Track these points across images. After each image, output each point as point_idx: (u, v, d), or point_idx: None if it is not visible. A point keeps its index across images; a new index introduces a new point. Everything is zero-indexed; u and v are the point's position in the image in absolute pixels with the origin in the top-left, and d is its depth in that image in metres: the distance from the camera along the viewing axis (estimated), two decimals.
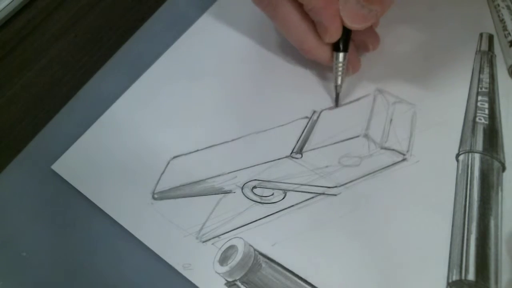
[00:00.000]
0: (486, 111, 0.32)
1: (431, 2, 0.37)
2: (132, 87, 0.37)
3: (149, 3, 0.42)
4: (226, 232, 0.31)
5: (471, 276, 0.27)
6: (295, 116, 0.34)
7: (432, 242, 0.29)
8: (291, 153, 0.33)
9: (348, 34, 0.31)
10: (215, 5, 0.40)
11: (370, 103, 0.34)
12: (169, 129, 0.35)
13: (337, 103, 0.34)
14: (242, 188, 0.32)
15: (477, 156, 0.31)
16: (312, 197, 0.31)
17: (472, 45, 0.35)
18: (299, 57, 0.36)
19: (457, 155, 0.31)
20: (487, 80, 0.34)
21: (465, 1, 0.37)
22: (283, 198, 0.31)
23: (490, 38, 0.35)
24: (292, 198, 0.31)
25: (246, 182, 0.32)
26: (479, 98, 0.33)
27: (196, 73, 0.37)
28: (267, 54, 0.37)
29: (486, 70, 0.34)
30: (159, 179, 0.33)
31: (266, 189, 0.32)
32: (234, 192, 0.32)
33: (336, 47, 0.32)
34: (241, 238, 0.30)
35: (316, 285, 0.28)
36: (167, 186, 0.33)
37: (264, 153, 0.33)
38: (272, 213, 0.31)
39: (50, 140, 0.36)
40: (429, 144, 0.32)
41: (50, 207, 0.33)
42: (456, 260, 0.28)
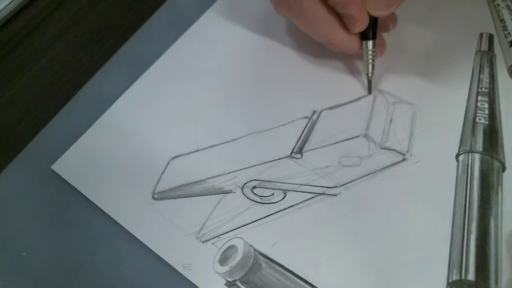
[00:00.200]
0: (486, 111, 0.32)
1: (431, 2, 0.37)
2: (132, 87, 0.37)
3: (149, 3, 0.42)
4: (226, 232, 0.31)
5: (471, 276, 0.27)
6: (295, 116, 0.34)
7: (432, 242, 0.29)
8: (291, 153, 0.33)
9: (376, 22, 0.32)
10: (215, 5, 0.40)
11: (370, 103, 0.34)
12: (169, 129, 0.35)
13: (370, 90, 0.34)
14: (242, 188, 0.32)
15: (477, 156, 0.31)
16: (312, 197, 0.31)
17: (472, 45, 0.35)
18: (299, 57, 0.36)
19: (457, 155, 0.31)
20: (487, 80, 0.34)
21: (465, 1, 0.37)
22: (283, 198, 0.31)
23: (490, 38, 0.35)
24: (292, 198, 0.31)
25: (246, 182, 0.32)
26: (479, 98, 0.33)
27: (196, 73, 0.37)
28: (267, 54, 0.37)
29: (486, 70, 0.34)
30: (159, 179, 0.33)
31: (266, 189, 0.32)
32: (234, 192, 0.32)
33: (364, 36, 0.32)
34: (241, 238, 0.30)
35: (316, 285, 0.28)
36: (167, 186, 0.33)
37: (264, 153, 0.33)
38: (272, 213, 0.31)
39: (50, 140, 0.36)
40: (429, 144, 0.32)
41: (50, 207, 0.33)
42: (456, 260, 0.28)
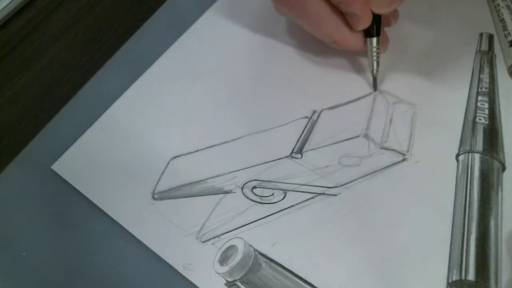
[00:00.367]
0: (486, 111, 0.32)
1: (431, 2, 0.37)
2: (132, 87, 0.37)
3: (149, 3, 0.42)
4: (226, 232, 0.31)
5: (471, 276, 0.27)
6: (295, 116, 0.34)
7: (432, 242, 0.29)
8: (291, 153, 0.33)
9: (379, 19, 0.32)
10: (215, 5, 0.40)
11: (370, 103, 0.34)
12: (169, 129, 0.35)
13: (376, 87, 0.34)
14: (242, 188, 0.32)
15: (477, 156, 0.31)
16: (312, 197, 0.31)
17: (472, 45, 0.35)
18: (299, 57, 0.36)
19: (457, 155, 0.31)
20: (487, 80, 0.34)
21: (465, 1, 0.37)
22: (283, 198, 0.31)
23: (490, 38, 0.35)
24: (292, 198, 0.31)
25: (246, 182, 0.32)
26: (479, 98, 0.33)
27: (196, 73, 0.37)
28: (267, 54, 0.37)
29: (486, 70, 0.34)
30: (159, 179, 0.33)
31: (266, 189, 0.32)
32: (234, 192, 0.32)
33: (368, 33, 0.33)
34: (241, 238, 0.30)
35: (316, 285, 0.28)
36: (167, 186, 0.33)
37: (264, 153, 0.33)
38: (272, 213, 0.31)
39: (50, 140, 0.36)
40: (429, 144, 0.32)
41: (50, 207, 0.33)
42: (456, 260, 0.28)
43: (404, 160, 0.31)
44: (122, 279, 0.30)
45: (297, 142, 0.33)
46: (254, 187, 0.32)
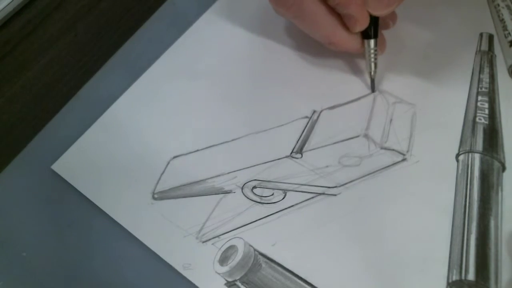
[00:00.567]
0: (486, 111, 0.32)
1: (431, 2, 0.37)
2: (132, 87, 0.37)
3: (149, 3, 0.42)
4: (226, 232, 0.31)
5: (471, 276, 0.27)
6: (295, 116, 0.34)
7: (432, 242, 0.29)
8: (291, 153, 0.33)
9: (377, 21, 0.32)
10: (215, 5, 0.40)
11: (370, 103, 0.34)
12: (169, 129, 0.35)
13: (374, 89, 0.34)
14: (242, 188, 0.32)
15: (477, 156, 0.31)
16: (312, 197, 0.31)
17: (472, 45, 0.35)
18: (299, 57, 0.36)
19: (457, 155, 0.31)
20: (487, 80, 0.34)
21: (465, 1, 0.37)
22: (283, 198, 0.31)
23: (490, 38, 0.35)
24: (292, 198, 0.31)
25: (246, 182, 0.32)
26: (479, 98, 0.33)
27: (196, 73, 0.37)
28: (267, 54, 0.37)
29: (486, 70, 0.34)
30: (159, 179, 0.33)
31: (266, 189, 0.32)
32: (234, 192, 0.32)
33: (366, 35, 0.33)
34: (241, 238, 0.30)
35: (316, 285, 0.28)
36: (167, 186, 0.33)
37: (264, 153, 0.33)
38: (272, 213, 0.31)
39: (50, 140, 0.36)
40: (429, 144, 0.32)
41: (50, 207, 0.33)
42: (456, 260, 0.28)
43: (404, 160, 0.31)
44: (122, 279, 0.30)
45: (297, 142, 0.33)
46: (254, 187, 0.32)
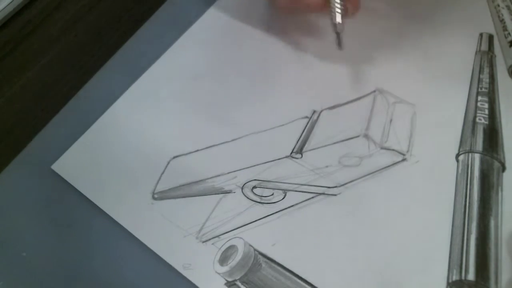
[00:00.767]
0: (486, 111, 0.32)
1: (431, 2, 0.37)
2: (132, 87, 0.37)
3: (149, 3, 0.42)
4: (226, 232, 0.31)
5: (471, 276, 0.27)
6: (295, 116, 0.34)
7: (432, 242, 0.29)
8: (291, 153, 0.33)
9: None
10: (215, 5, 0.40)
11: (370, 103, 0.34)
12: (169, 129, 0.35)
13: (340, 44, 0.32)
14: (242, 188, 0.32)
15: (477, 156, 0.31)
16: (312, 197, 0.31)
17: (472, 45, 0.35)
18: (299, 57, 0.36)
19: (457, 155, 0.31)
20: (487, 80, 0.34)
21: (465, 1, 0.37)
22: (283, 198, 0.31)
23: (490, 38, 0.35)
24: (292, 198, 0.31)
25: (246, 182, 0.32)
26: (479, 98, 0.33)
27: (196, 73, 0.37)
28: (267, 54, 0.37)
29: (486, 70, 0.34)
30: (159, 179, 0.33)
31: (266, 189, 0.32)
32: (234, 192, 0.32)
33: None
34: (241, 238, 0.30)
35: (316, 285, 0.28)
36: (167, 186, 0.33)
37: (264, 153, 0.33)
38: (272, 213, 0.31)
39: (50, 140, 0.36)
40: (429, 144, 0.32)
41: (50, 207, 0.33)
42: (456, 260, 0.28)
43: (404, 160, 0.31)
44: (122, 279, 0.30)
45: (297, 142, 0.33)
46: (254, 187, 0.32)
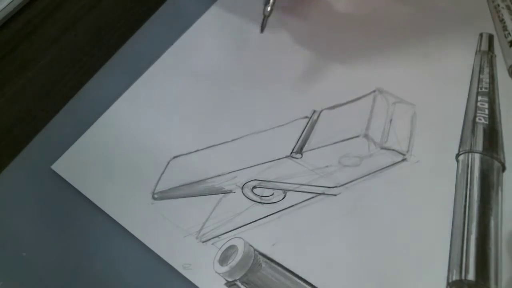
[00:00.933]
0: (486, 111, 0.32)
1: (432, 2, 0.37)
2: (132, 87, 0.37)
3: (149, 3, 0.42)
4: (226, 232, 0.31)
5: (471, 276, 0.27)
6: (295, 116, 0.34)
7: (432, 242, 0.29)
8: (291, 153, 0.33)
9: None
10: (215, 5, 0.40)
11: (370, 103, 0.34)
12: (169, 129, 0.35)
13: (263, 28, 0.33)
14: (242, 188, 0.32)
15: (477, 156, 0.31)
16: (312, 197, 0.31)
17: (472, 45, 0.35)
18: (299, 57, 0.36)
19: (457, 155, 0.31)
20: (487, 80, 0.34)
21: (465, 1, 0.37)
22: (283, 198, 0.31)
23: (490, 38, 0.35)
24: (292, 198, 0.31)
25: (246, 182, 0.32)
26: (479, 98, 0.33)
27: (196, 73, 0.37)
28: (267, 54, 0.37)
29: (486, 70, 0.34)
30: (159, 179, 0.33)
31: (266, 189, 0.32)
32: (234, 192, 0.32)
33: None
34: (241, 238, 0.30)
35: (316, 285, 0.28)
36: (167, 186, 0.33)
37: (264, 153, 0.33)
38: (272, 213, 0.31)
39: (50, 140, 0.36)
40: (429, 144, 0.32)
41: (50, 207, 0.33)
42: (456, 260, 0.28)
43: (404, 160, 0.31)
44: (122, 279, 0.30)
45: (297, 142, 0.33)
46: (254, 187, 0.32)
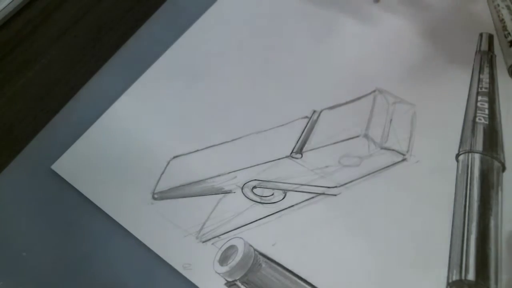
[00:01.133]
0: (486, 111, 0.32)
1: (431, 2, 0.37)
2: (132, 87, 0.37)
3: (149, 3, 0.42)
4: (226, 232, 0.31)
5: (471, 276, 0.27)
6: (295, 116, 0.34)
7: (432, 242, 0.29)
8: (291, 153, 0.33)
9: None
10: (215, 5, 0.40)
11: (370, 103, 0.34)
12: (169, 129, 0.35)
13: None
14: (242, 188, 0.32)
15: (477, 156, 0.31)
16: (312, 197, 0.31)
17: (472, 45, 0.35)
18: (299, 57, 0.36)
19: (457, 155, 0.31)
20: (487, 80, 0.34)
21: (465, 1, 0.37)
22: (283, 198, 0.31)
23: (490, 38, 0.35)
24: (292, 198, 0.31)
25: (246, 182, 0.32)
26: (479, 98, 0.33)
27: (196, 73, 0.37)
28: (267, 54, 0.37)
29: (486, 70, 0.34)
30: (159, 179, 0.33)
31: (266, 189, 0.32)
32: (234, 192, 0.32)
33: None
34: (241, 238, 0.30)
35: (316, 285, 0.28)
36: (167, 186, 0.33)
37: (264, 153, 0.33)
38: (272, 213, 0.31)
39: (50, 140, 0.36)
40: (429, 144, 0.32)
41: (50, 207, 0.33)
42: (456, 260, 0.28)
43: (404, 160, 0.31)
44: (122, 279, 0.30)
45: (297, 142, 0.33)
46: (254, 187, 0.32)
